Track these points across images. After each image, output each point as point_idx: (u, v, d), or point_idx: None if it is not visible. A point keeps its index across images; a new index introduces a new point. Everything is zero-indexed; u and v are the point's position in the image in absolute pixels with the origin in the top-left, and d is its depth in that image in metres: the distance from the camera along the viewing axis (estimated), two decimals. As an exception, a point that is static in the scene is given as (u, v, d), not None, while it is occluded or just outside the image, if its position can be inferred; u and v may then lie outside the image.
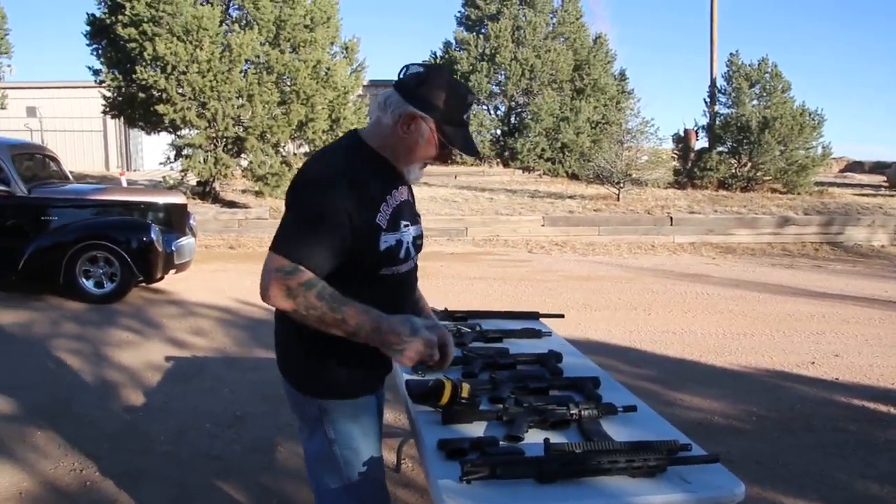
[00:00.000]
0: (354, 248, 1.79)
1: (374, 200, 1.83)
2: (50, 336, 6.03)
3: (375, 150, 1.89)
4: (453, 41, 21.38)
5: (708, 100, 20.04)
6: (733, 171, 18.18)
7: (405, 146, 1.87)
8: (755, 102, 19.10)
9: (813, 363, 5.70)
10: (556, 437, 1.91)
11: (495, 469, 1.68)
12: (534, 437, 1.91)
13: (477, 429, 2.01)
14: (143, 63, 12.93)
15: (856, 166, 28.49)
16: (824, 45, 62.72)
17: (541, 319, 3.31)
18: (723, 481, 1.76)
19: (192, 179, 14.49)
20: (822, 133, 18.18)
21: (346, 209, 1.76)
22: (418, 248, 2.02)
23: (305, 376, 1.93)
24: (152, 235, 7.19)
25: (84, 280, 7.22)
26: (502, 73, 20.32)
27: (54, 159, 8.59)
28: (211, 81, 12.95)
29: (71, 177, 8.94)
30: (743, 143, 18.09)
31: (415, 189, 2.12)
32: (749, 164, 18.09)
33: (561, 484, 1.69)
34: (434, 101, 1.83)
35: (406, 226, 1.92)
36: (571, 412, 2.05)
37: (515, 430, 1.95)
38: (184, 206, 8.36)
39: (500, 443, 1.88)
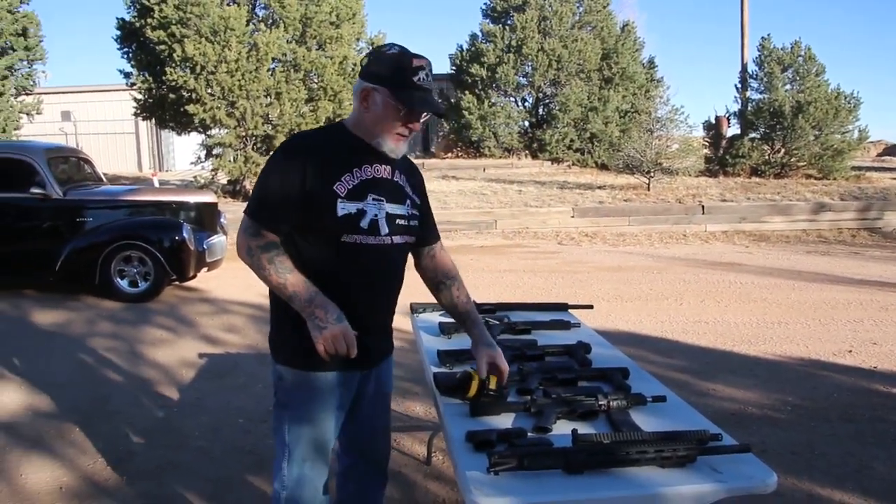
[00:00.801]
0: (311, 212, 1.96)
1: (336, 170, 1.99)
2: (87, 335, 6.14)
3: (351, 132, 2.06)
4: (479, 34, 21.29)
5: (739, 85, 19.75)
6: (766, 157, 17.89)
7: (371, 120, 2.02)
8: (788, 87, 18.76)
9: (850, 351, 5.60)
10: (584, 428, 1.89)
11: (523, 460, 1.67)
12: (562, 429, 1.90)
13: (505, 420, 2.01)
14: (173, 64, 13.09)
15: (894, 150, 27.88)
16: (861, 26, 61.39)
17: (570, 311, 3.29)
18: (754, 471, 1.73)
19: (223, 178, 14.65)
20: (858, 116, 17.83)
21: (300, 174, 1.95)
22: (400, 228, 2.09)
23: (271, 340, 2.14)
24: (184, 234, 7.28)
25: (119, 280, 7.34)
26: (529, 64, 20.18)
27: (88, 162, 8.74)
28: (239, 81, 13.07)
29: (104, 178, 9.08)
30: (776, 128, 17.80)
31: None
32: (782, 150, 17.80)
33: (589, 474, 1.68)
34: (381, 72, 1.99)
35: (377, 200, 2.02)
36: (600, 403, 2.03)
37: (543, 422, 1.94)
38: (214, 205, 8.46)
39: (528, 434, 1.87)
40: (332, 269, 2.01)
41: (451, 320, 2.92)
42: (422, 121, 2.07)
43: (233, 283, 7.90)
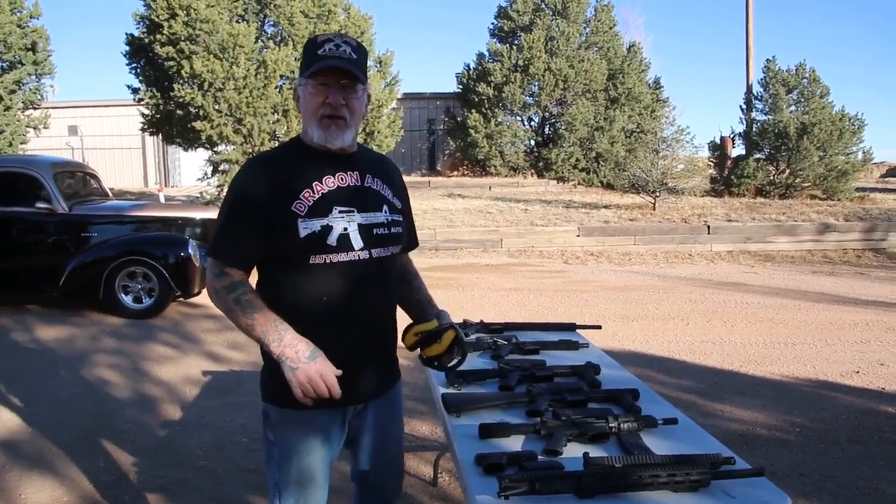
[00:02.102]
0: (275, 237, 1.84)
1: (293, 188, 1.86)
2: (90, 351, 6.12)
3: (306, 144, 1.94)
4: (487, 53, 21.41)
5: (744, 106, 19.81)
6: (771, 178, 17.91)
7: (303, 115, 1.94)
8: (793, 108, 18.82)
9: (857, 372, 5.56)
10: (595, 451, 1.86)
11: (534, 484, 1.64)
12: (573, 451, 1.88)
13: (515, 443, 1.98)
14: (181, 81, 13.16)
15: (898, 171, 27.88)
16: (863, 47, 61.61)
17: (578, 331, 3.26)
18: (768, 495, 1.70)
19: (229, 195, 14.66)
20: (862, 138, 17.88)
21: (256, 200, 1.84)
22: (378, 238, 1.94)
23: (261, 377, 2.01)
24: (189, 250, 7.27)
25: (123, 295, 7.32)
26: (536, 83, 20.26)
27: (94, 176, 8.76)
28: (247, 98, 13.13)
29: (110, 193, 9.10)
30: (781, 149, 17.81)
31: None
32: (787, 171, 17.81)
33: (601, 499, 1.65)
34: (300, 67, 1.94)
35: (344, 212, 1.88)
36: (610, 425, 2.00)
37: (554, 444, 1.92)
38: (220, 221, 8.44)
39: (539, 457, 1.85)
40: (308, 297, 1.88)
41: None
42: (358, 98, 1.90)
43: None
